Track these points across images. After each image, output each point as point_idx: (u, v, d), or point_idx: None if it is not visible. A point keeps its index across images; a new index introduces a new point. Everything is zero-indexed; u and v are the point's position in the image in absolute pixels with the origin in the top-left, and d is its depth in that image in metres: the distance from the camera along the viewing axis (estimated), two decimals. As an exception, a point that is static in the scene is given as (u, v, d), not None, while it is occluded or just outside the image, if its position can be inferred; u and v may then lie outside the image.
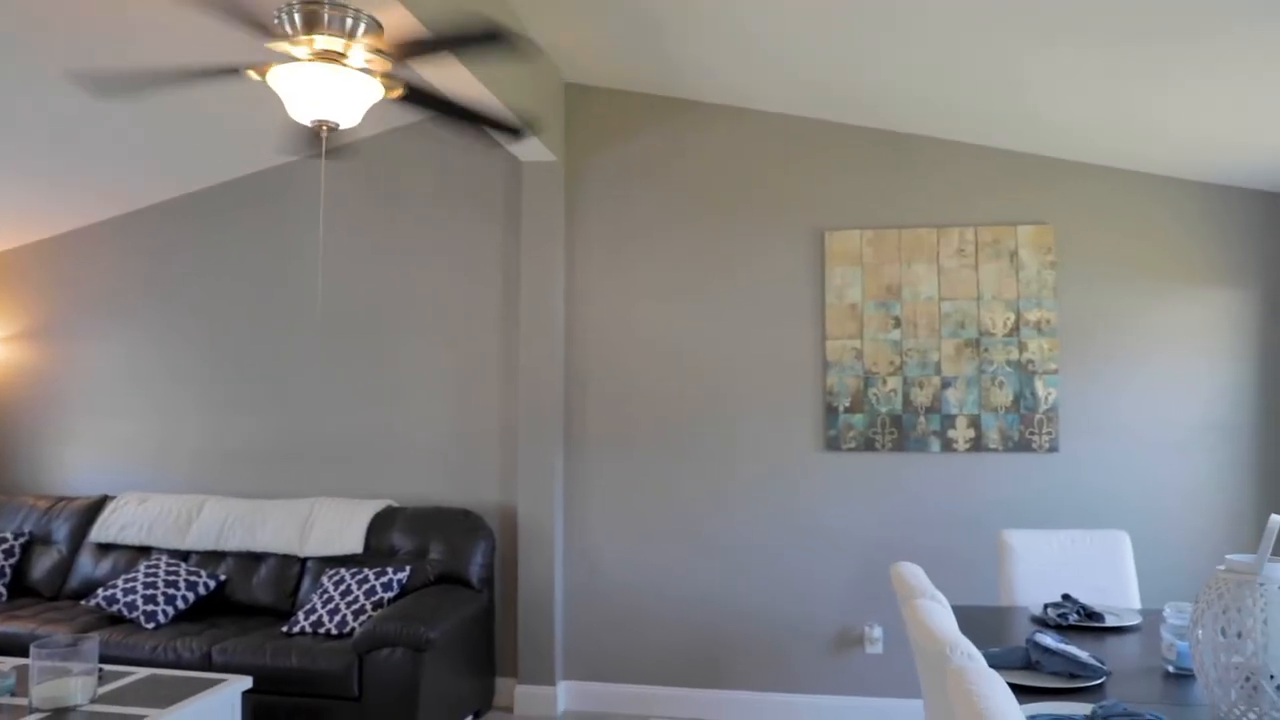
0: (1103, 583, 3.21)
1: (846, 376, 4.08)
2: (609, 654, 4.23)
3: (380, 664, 3.31)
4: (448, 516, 4.13)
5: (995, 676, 1.52)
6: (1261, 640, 1.79)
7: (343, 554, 4.09)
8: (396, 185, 4.55)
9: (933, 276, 4.04)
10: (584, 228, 4.36)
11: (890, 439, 4.04)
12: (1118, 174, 4.01)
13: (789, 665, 4.09)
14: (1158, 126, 3.52)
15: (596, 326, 4.32)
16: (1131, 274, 3.98)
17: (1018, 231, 4.01)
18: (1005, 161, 4.07)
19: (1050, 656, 2.24)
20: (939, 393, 4.02)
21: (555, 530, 4.19)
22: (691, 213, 4.28)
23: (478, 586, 4.00)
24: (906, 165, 4.13)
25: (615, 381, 4.30)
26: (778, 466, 4.14)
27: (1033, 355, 3.97)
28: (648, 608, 4.21)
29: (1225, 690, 1.85)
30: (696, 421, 4.22)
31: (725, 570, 4.16)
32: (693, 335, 4.24)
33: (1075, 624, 2.75)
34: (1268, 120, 3.25)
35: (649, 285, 4.29)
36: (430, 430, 4.43)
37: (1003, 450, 3.97)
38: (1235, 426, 3.91)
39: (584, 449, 4.30)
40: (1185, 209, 3.97)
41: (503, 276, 4.42)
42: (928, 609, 2.02)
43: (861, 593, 4.06)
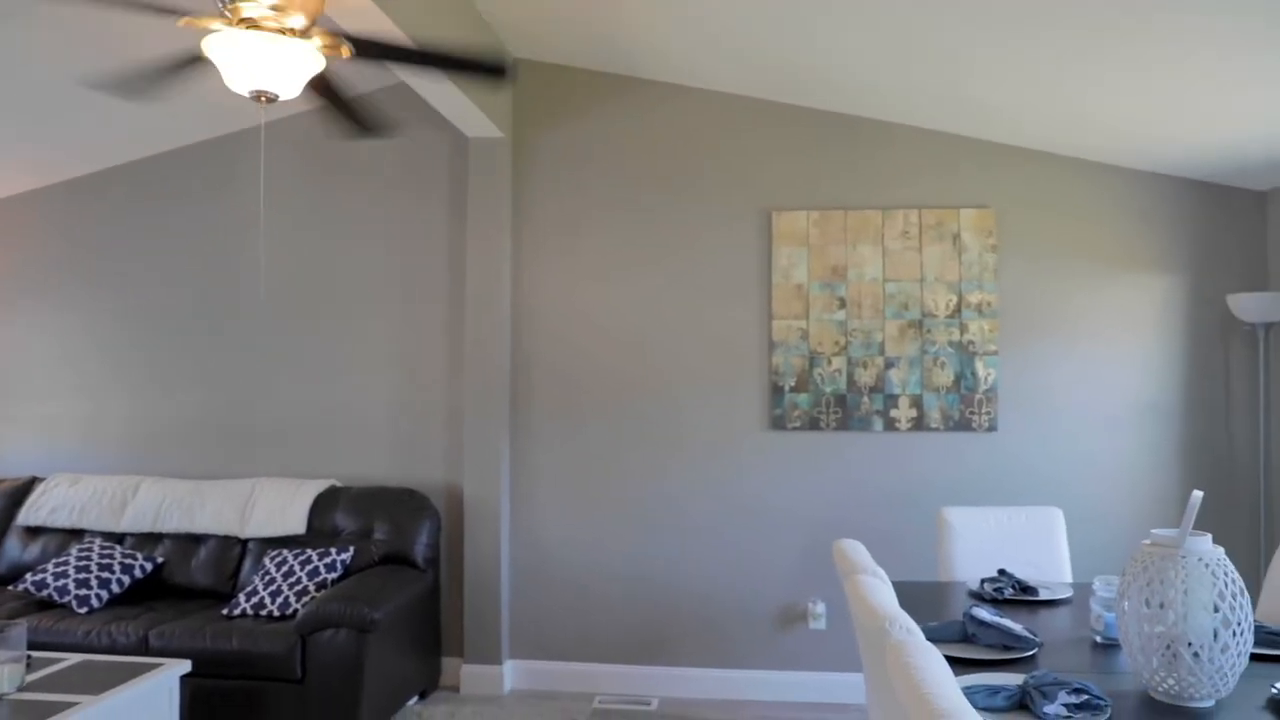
0: (1037, 558, 3.30)
1: (792, 356, 4.12)
2: (555, 633, 4.24)
3: (324, 645, 3.28)
4: (392, 496, 4.09)
5: (932, 650, 1.55)
6: (1182, 610, 1.86)
7: (285, 535, 4.03)
8: (340, 160, 4.45)
9: (877, 258, 4.10)
10: (531, 205, 4.32)
11: (834, 418, 4.09)
12: (1056, 159, 4.09)
13: (734, 642, 4.15)
14: (1091, 114, 3.60)
15: (543, 305, 4.30)
16: (1068, 258, 4.08)
17: (960, 215, 4.07)
18: (949, 145, 4.12)
19: (986, 629, 2.30)
20: (882, 373, 4.08)
21: (501, 509, 4.17)
22: (639, 191, 4.27)
23: (423, 566, 3.97)
24: (853, 147, 4.16)
25: (562, 360, 4.28)
26: (723, 445, 4.18)
27: (973, 336, 4.06)
28: (594, 586, 4.22)
29: (1148, 658, 1.92)
30: (643, 400, 4.23)
31: (671, 548, 4.19)
32: (640, 314, 4.24)
33: (1010, 598, 2.83)
34: (1190, 111, 3.35)
35: (596, 264, 4.28)
36: (375, 409, 4.38)
37: (944, 429, 4.05)
38: (1162, 407, 4.04)
39: (530, 428, 4.29)
40: (1119, 195, 4.07)
41: (448, 253, 4.36)
42: (868, 585, 2.06)
43: (805, 569, 4.12)
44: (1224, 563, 1.89)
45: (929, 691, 1.31)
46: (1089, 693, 1.85)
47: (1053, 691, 1.83)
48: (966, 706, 1.28)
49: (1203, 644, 1.85)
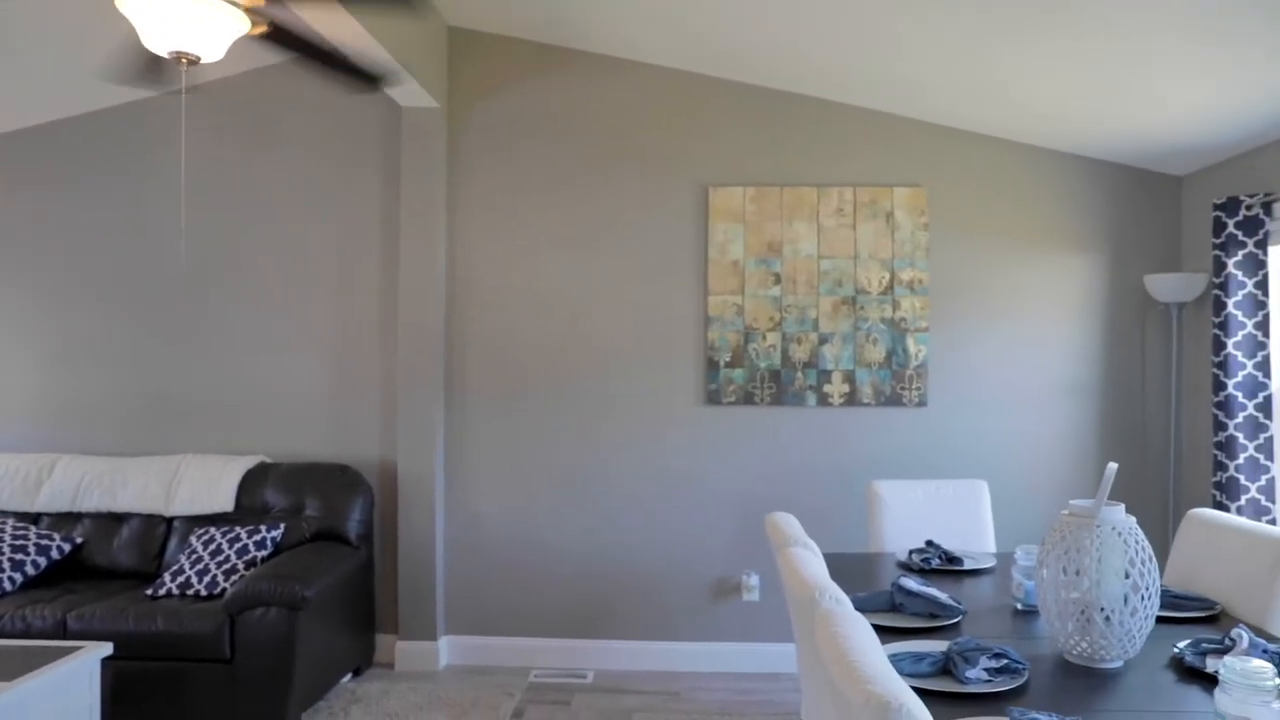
0: (963, 529, 3.40)
1: (727, 332, 4.15)
2: (491, 608, 4.23)
3: (253, 624, 3.22)
4: (324, 472, 4.02)
5: (860, 619, 1.59)
6: (1095, 577, 1.94)
7: (213, 513, 3.94)
8: (267, 127, 4.32)
9: (812, 235, 4.14)
10: (466, 178, 4.25)
11: (769, 393, 4.14)
12: (985, 140, 4.17)
13: (669, 614, 4.19)
14: (1017, 96, 3.67)
15: (479, 278, 4.25)
16: (996, 237, 4.18)
17: (894, 193, 4.13)
18: (883, 124, 4.18)
19: (912, 599, 2.37)
20: (816, 349, 4.14)
21: (436, 485, 4.14)
22: (577, 165, 4.23)
23: (356, 543, 3.92)
24: (789, 124, 4.19)
25: (498, 335, 4.24)
26: (659, 420, 4.20)
27: (905, 313, 4.13)
28: (530, 561, 4.22)
29: (1064, 623, 2.00)
30: (579, 375, 4.22)
31: (607, 522, 4.21)
32: (576, 289, 4.22)
33: (937, 568, 2.91)
34: (1112, 97, 3.44)
35: (533, 238, 4.24)
36: (306, 384, 4.29)
37: (875, 405, 4.14)
38: (1082, 383, 4.18)
39: (466, 403, 4.25)
40: (1044, 177, 4.18)
41: (381, 226, 4.27)
42: (799, 557, 2.09)
43: (739, 542, 4.18)
44: (1135, 531, 1.97)
45: (855, 659, 1.34)
46: (1008, 657, 1.92)
47: (974, 657, 1.89)
48: (891, 673, 1.32)
49: (1114, 608, 1.93)
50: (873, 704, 1.19)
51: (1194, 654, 1.98)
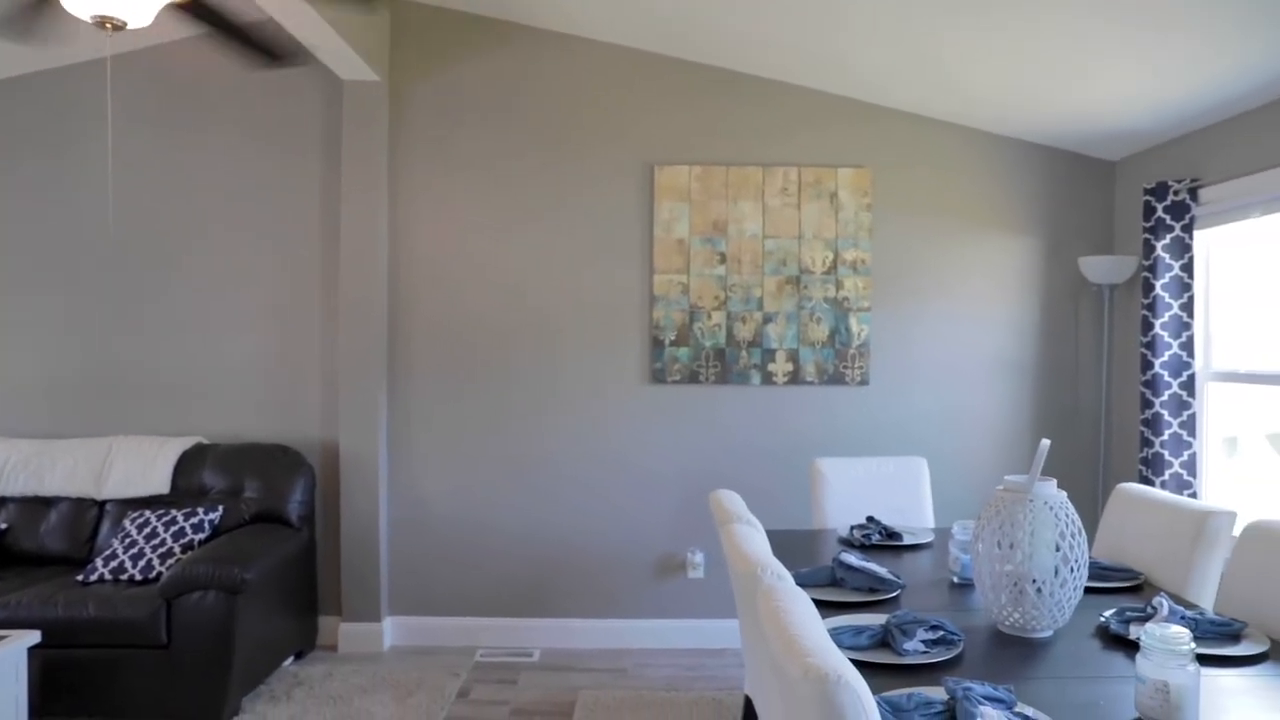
0: (903, 504, 3.47)
1: (672, 310, 4.16)
2: (436, 588, 4.21)
3: (190, 609, 3.15)
4: (264, 453, 3.94)
5: (801, 594, 1.62)
6: (1028, 550, 2.00)
7: (147, 495, 3.84)
8: (202, 99, 4.18)
9: (758, 214, 4.16)
10: (410, 153, 4.18)
11: (713, 372, 4.17)
12: (927, 122, 4.23)
13: (615, 592, 4.22)
14: (958, 79, 3.72)
15: (422, 256, 4.19)
16: (937, 219, 4.24)
17: (838, 173, 4.17)
18: (828, 105, 4.20)
19: (853, 573, 2.41)
20: (761, 328, 4.17)
21: (379, 465, 4.09)
22: (522, 142, 4.18)
23: (297, 524, 3.86)
24: (736, 103, 4.19)
25: (442, 313, 4.19)
26: (604, 398, 4.20)
27: (848, 293, 4.18)
28: (475, 540, 4.21)
29: (997, 595, 2.05)
30: (524, 354, 4.20)
31: (552, 501, 4.21)
32: (521, 267, 4.19)
33: (877, 543, 2.97)
34: (1049, 82, 3.51)
35: (477, 215, 4.19)
36: (244, 363, 4.19)
37: (818, 383, 4.19)
38: (1018, 362, 4.29)
39: (410, 382, 4.20)
40: (984, 159, 4.25)
41: (321, 201, 4.18)
42: (742, 533, 2.12)
43: (684, 520, 4.21)
44: (1066, 505, 2.03)
45: (796, 633, 1.36)
46: (944, 629, 1.97)
47: (912, 629, 1.94)
48: (831, 646, 1.34)
49: (1045, 580, 1.99)
50: (812, 676, 1.21)
51: (1118, 622, 2.06)
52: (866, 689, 1.23)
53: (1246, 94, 3.27)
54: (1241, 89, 3.23)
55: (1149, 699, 1.57)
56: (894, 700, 1.56)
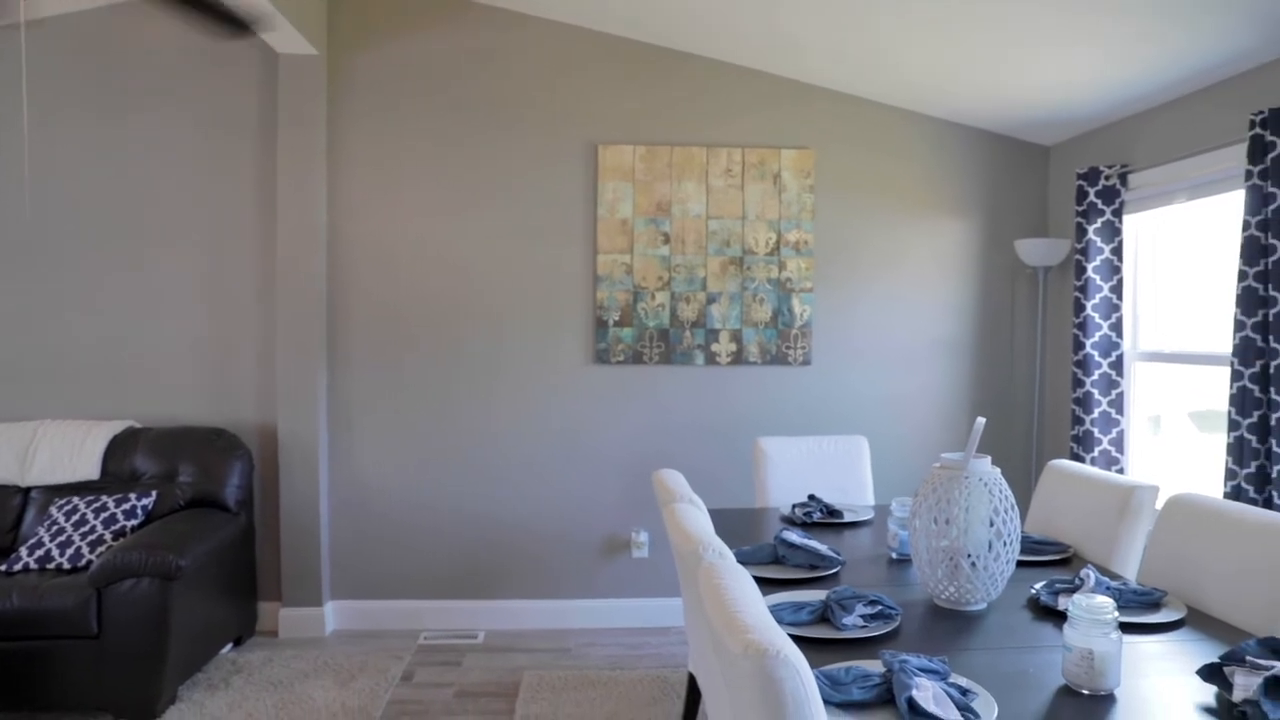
0: (844, 483, 3.53)
1: (616, 291, 4.15)
2: (378, 571, 4.16)
3: (122, 597, 3.07)
4: (199, 436, 3.84)
5: (741, 571, 1.63)
6: (963, 525, 2.04)
7: (75, 481, 3.72)
8: (129, 69, 4.03)
9: (701, 195, 4.17)
10: (349, 130, 4.09)
11: (657, 352, 4.18)
12: (869, 104, 4.27)
13: (559, 572, 4.22)
14: (899, 62, 3.76)
15: (362, 235, 4.11)
16: (878, 201, 4.30)
17: (781, 155, 4.19)
18: (772, 86, 4.22)
19: (794, 551, 2.45)
20: (704, 308, 4.19)
21: (319, 447, 4.02)
22: (465, 119, 4.12)
23: (235, 509, 3.78)
24: (680, 84, 4.18)
25: (383, 293, 4.13)
26: (548, 379, 4.18)
27: (791, 274, 4.22)
28: (418, 522, 4.17)
29: (934, 570, 2.10)
30: (467, 334, 4.15)
31: (496, 482, 4.19)
32: (463, 246, 4.14)
33: (818, 521, 3.01)
34: (986, 67, 3.56)
35: (419, 193, 4.12)
36: (177, 345, 4.07)
37: (761, 363, 4.22)
38: (956, 342, 4.37)
39: (350, 362, 4.13)
40: (924, 142, 4.31)
41: (257, 177, 4.07)
42: (685, 512, 2.13)
43: (628, 500, 4.23)
44: (999, 481, 2.09)
45: (736, 610, 1.37)
46: (882, 604, 2.01)
47: (851, 604, 1.98)
48: (771, 622, 1.36)
49: (979, 555, 2.04)
50: (751, 652, 1.22)
51: (1048, 594, 2.12)
52: (805, 663, 1.25)
53: (1173, 83, 3.36)
54: (1169, 78, 3.32)
55: (1074, 666, 1.62)
56: (832, 674, 1.59)
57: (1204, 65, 3.16)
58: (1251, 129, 2.92)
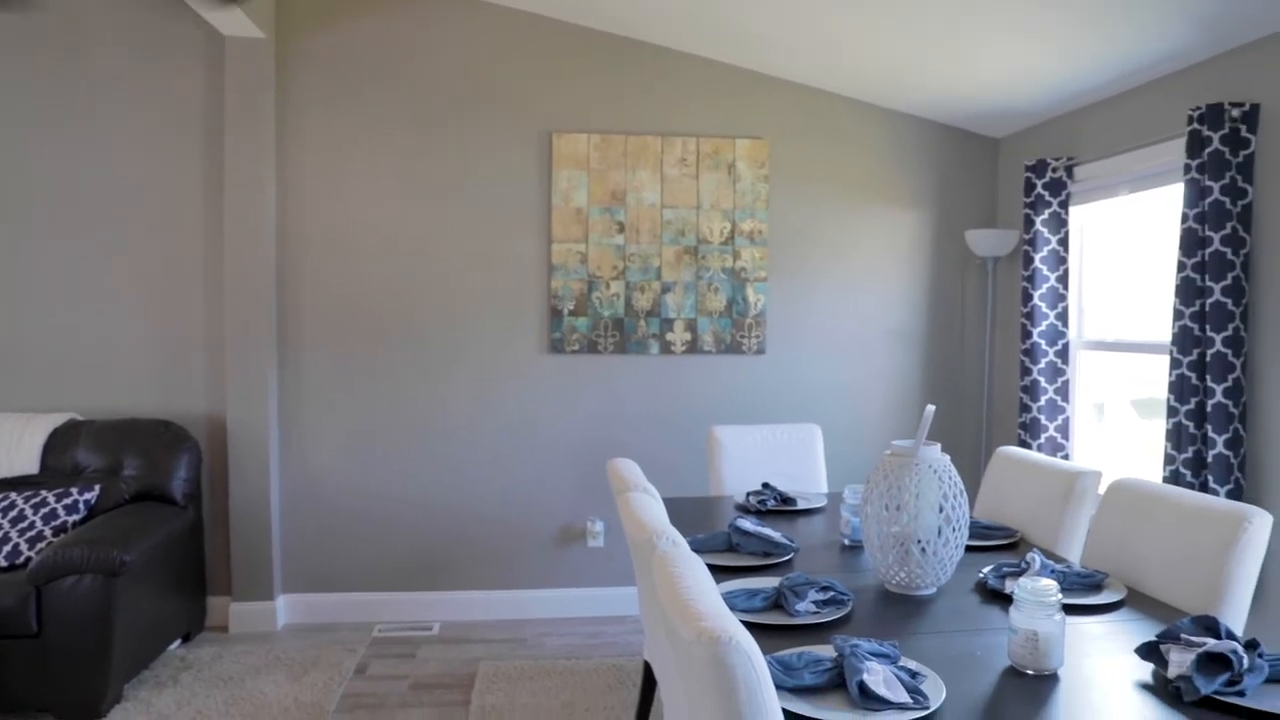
0: (797, 470, 3.57)
1: (571, 280, 4.14)
2: (332, 564, 4.11)
3: (64, 595, 2.99)
4: (144, 429, 3.76)
5: (695, 559, 1.64)
6: (914, 511, 2.08)
7: (13, 476, 3.61)
8: (64, 48, 3.91)
9: (656, 184, 4.16)
10: (299, 116, 4.01)
11: (612, 341, 4.17)
12: (824, 95, 4.30)
13: (514, 563, 4.21)
14: (852, 54, 3.79)
15: (314, 222, 4.04)
16: (832, 191, 4.33)
17: (736, 144, 4.21)
18: (727, 75, 4.22)
19: (748, 538, 2.47)
20: (659, 297, 4.19)
21: (270, 439, 3.95)
22: (417, 106, 4.07)
23: (182, 503, 3.70)
24: (635, 72, 4.17)
25: (334, 282, 4.07)
26: (502, 369, 4.16)
27: (745, 263, 4.24)
28: (372, 514, 4.12)
29: (885, 555, 2.13)
30: (421, 323, 4.11)
31: (450, 473, 4.16)
32: (418, 235, 4.09)
33: (772, 508, 3.04)
34: (933, 58, 3.61)
35: (371, 181, 4.06)
36: (121, 334, 3.97)
37: (716, 352, 4.24)
38: (908, 331, 4.44)
39: (301, 352, 4.06)
40: (878, 133, 4.35)
41: (204, 163, 3.98)
42: (639, 501, 2.13)
43: (584, 490, 4.23)
44: (949, 468, 2.12)
45: (689, 598, 1.38)
46: (835, 589, 2.03)
47: (804, 590, 2.00)
48: (724, 609, 1.37)
49: (929, 540, 2.08)
50: (704, 639, 1.23)
51: (995, 578, 2.17)
52: (757, 650, 1.26)
53: (1117, 78, 3.43)
54: (1113, 73, 3.39)
55: (1020, 647, 1.66)
56: (785, 659, 1.60)
57: (1146, 61, 3.23)
58: (1190, 124, 3.00)
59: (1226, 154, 2.89)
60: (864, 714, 1.46)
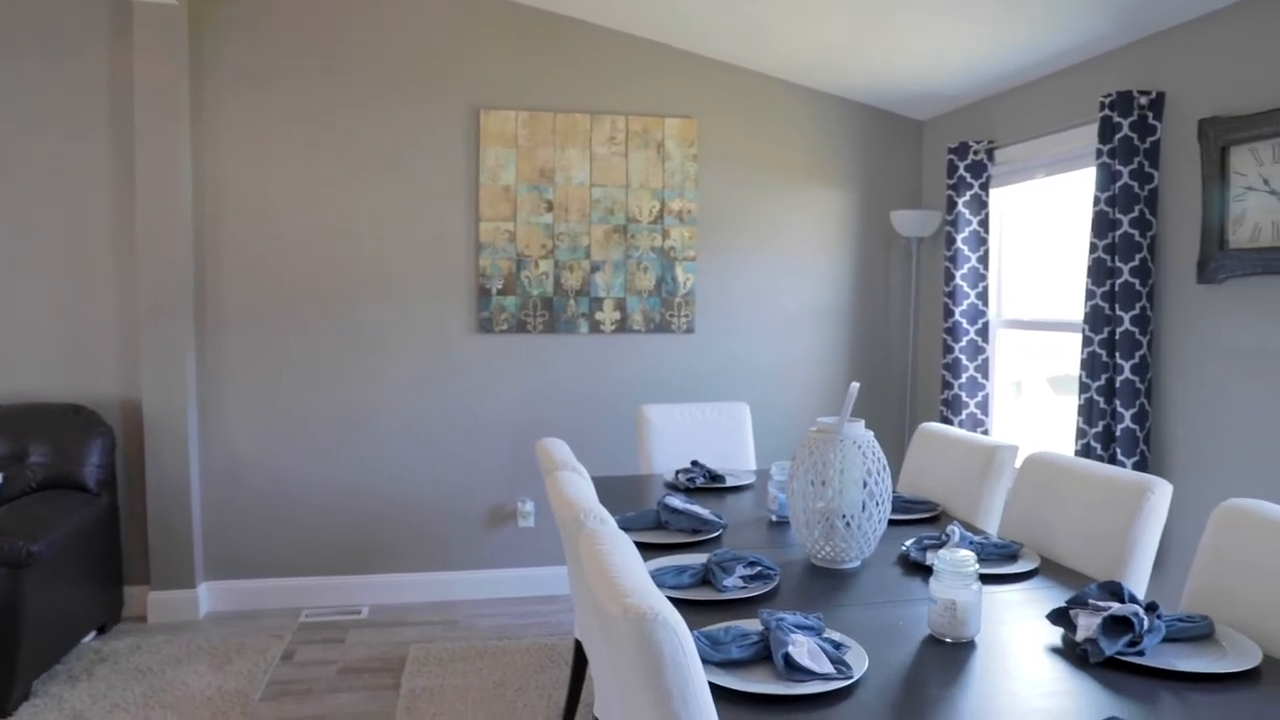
0: (726, 448, 3.60)
1: (499, 259, 4.09)
2: (256, 549, 4.02)
3: (-32, 586, 2.86)
4: (52, 414, 3.61)
5: (622, 537, 1.65)
6: (839, 486, 2.12)
7: (-90, 464, 3.44)
8: (-42, 16, 3.69)
9: (585, 162, 4.14)
10: (217, 88, 3.86)
11: (541, 321, 4.15)
12: (753, 75, 4.32)
13: (445, 544, 4.17)
14: (776, 34, 3.81)
15: (233, 200, 3.91)
16: (760, 171, 4.36)
17: (665, 123, 4.20)
18: (656, 54, 4.21)
19: (677, 516, 2.49)
20: (588, 276, 4.18)
21: (189, 422, 3.83)
22: (340, 79, 3.96)
23: (95, 490, 3.57)
24: (564, 49, 4.12)
25: (256, 261, 3.94)
26: (430, 349, 4.10)
27: (674, 243, 4.25)
28: (298, 498, 4.04)
29: (811, 530, 2.17)
30: (347, 302, 4.02)
31: (378, 454, 4.09)
32: (342, 212, 3.99)
33: (701, 486, 3.07)
34: (858, 41, 3.65)
35: (295, 156, 3.94)
36: (25, 315, 3.79)
37: (645, 331, 4.25)
38: (834, 310, 4.51)
39: (222, 334, 3.94)
40: (806, 114, 4.39)
41: (113, 135, 3.81)
42: (567, 480, 2.13)
43: (514, 470, 4.21)
44: (872, 444, 2.17)
45: (616, 575, 1.38)
46: (762, 565, 2.06)
47: (731, 566, 2.02)
48: (650, 586, 1.37)
49: (853, 515, 2.12)
50: (630, 615, 1.24)
51: (917, 550, 2.22)
52: (683, 625, 1.27)
53: (1036, 63, 3.52)
54: (1032, 58, 3.47)
55: (939, 616, 1.71)
56: (712, 634, 1.62)
57: (1064, 47, 3.32)
58: (1102, 110, 3.10)
59: (1135, 140, 2.99)
60: (789, 685, 1.49)
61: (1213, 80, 2.81)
